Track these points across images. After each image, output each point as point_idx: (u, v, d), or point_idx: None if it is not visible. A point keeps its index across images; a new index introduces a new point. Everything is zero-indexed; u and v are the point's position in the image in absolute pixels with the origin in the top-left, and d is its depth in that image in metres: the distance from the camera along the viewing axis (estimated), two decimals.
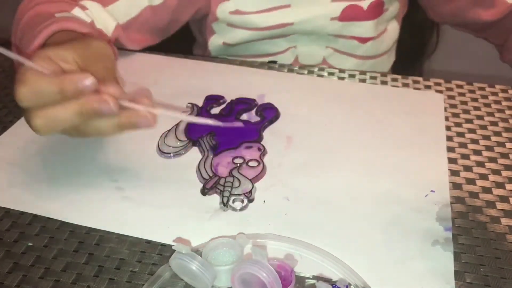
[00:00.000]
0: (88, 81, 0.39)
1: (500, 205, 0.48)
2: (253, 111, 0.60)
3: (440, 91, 0.65)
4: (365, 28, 0.71)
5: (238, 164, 0.51)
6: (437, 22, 0.84)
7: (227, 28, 0.72)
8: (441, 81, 0.67)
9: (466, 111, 0.61)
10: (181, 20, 0.72)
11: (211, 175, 0.50)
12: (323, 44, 0.73)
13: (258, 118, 0.59)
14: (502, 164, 0.53)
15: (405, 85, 0.66)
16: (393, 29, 0.76)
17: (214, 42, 0.75)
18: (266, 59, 0.74)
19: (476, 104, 0.62)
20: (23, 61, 0.39)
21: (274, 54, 0.74)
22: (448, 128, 0.58)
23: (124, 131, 0.42)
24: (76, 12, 0.58)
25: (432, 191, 0.49)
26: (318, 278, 0.41)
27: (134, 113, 0.42)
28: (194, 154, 0.54)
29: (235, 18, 0.70)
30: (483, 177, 0.51)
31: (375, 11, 0.70)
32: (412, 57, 0.87)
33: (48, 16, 0.53)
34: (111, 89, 0.41)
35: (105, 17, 0.62)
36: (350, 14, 0.69)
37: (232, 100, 0.62)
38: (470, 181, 0.50)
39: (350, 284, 0.40)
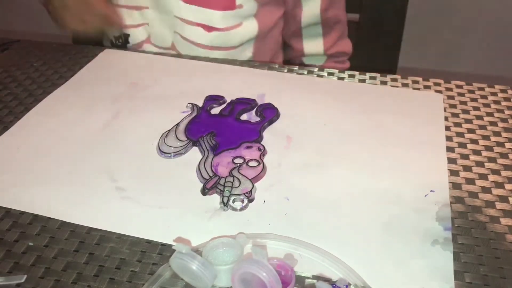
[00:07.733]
0: None
1: (499, 205, 0.48)
2: (253, 111, 0.60)
3: (440, 91, 0.65)
4: (210, 16, 0.70)
5: (238, 164, 0.51)
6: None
7: None
8: (441, 81, 0.67)
9: (466, 111, 0.61)
10: None
11: (211, 175, 0.50)
12: (171, 28, 0.73)
13: (258, 118, 0.59)
14: (501, 164, 0.53)
15: (405, 85, 0.66)
16: (250, 27, 0.74)
17: None
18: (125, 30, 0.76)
19: (475, 104, 0.62)
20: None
21: (129, 27, 0.75)
22: (447, 128, 0.58)
23: None
24: None
25: (431, 191, 0.49)
26: (318, 277, 0.41)
27: None
28: (194, 154, 0.54)
29: None
30: (483, 177, 0.51)
31: (224, 3, 0.69)
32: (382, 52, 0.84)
33: None
34: None
35: None
36: None
37: (232, 100, 0.62)
38: (470, 181, 0.50)
39: (350, 284, 0.40)
